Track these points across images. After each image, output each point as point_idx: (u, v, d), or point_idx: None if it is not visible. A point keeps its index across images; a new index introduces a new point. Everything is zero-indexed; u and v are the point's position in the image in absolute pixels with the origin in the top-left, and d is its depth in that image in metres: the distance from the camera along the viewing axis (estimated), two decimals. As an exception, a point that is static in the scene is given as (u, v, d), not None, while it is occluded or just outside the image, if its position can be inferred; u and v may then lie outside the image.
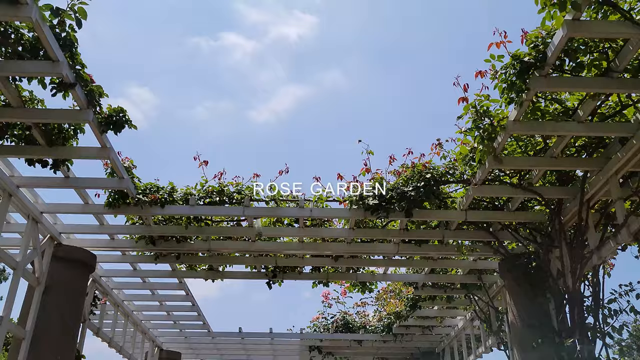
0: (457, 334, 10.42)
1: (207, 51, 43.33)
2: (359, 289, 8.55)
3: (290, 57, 42.79)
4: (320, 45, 43.68)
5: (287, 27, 41.71)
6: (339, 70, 42.86)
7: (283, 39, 41.41)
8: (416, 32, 38.19)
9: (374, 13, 35.47)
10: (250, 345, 11.92)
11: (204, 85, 41.86)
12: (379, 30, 37.68)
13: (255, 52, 43.52)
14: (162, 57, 38.98)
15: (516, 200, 6.27)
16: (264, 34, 41.39)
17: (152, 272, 8.28)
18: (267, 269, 8.11)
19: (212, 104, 45.66)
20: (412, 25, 37.48)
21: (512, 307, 6.83)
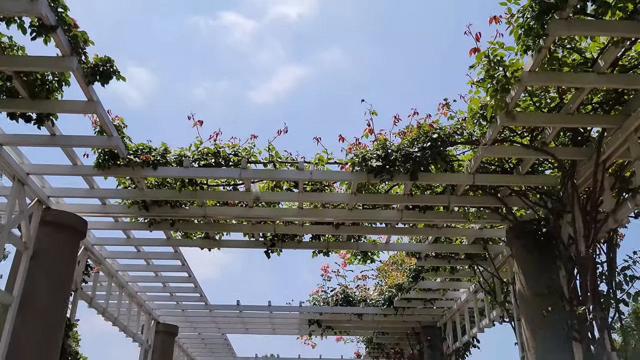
0: (460, 307, 10.19)
1: (206, 30, 42.70)
2: (360, 260, 8.28)
3: (290, 37, 42.18)
4: (320, 24, 43.05)
5: (286, 6, 41.02)
6: (339, 49, 42.27)
7: (283, 17, 40.77)
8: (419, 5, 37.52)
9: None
10: (248, 319, 11.72)
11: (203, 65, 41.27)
12: (380, 5, 37.01)
13: (254, 32, 42.91)
14: (161, 36, 38.39)
15: (527, 162, 5.96)
16: (263, 13, 40.74)
17: (147, 240, 8.00)
18: (266, 237, 7.82)
19: (211, 85, 45.15)
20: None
21: (520, 276, 6.56)
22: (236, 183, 6.67)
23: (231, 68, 45.51)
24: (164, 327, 11.28)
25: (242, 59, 45.54)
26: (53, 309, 6.13)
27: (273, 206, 7.03)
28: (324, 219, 7.15)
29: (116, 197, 6.68)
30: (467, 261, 8.41)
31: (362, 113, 5.91)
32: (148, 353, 10.81)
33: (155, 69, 41.16)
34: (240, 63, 45.37)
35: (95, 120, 5.61)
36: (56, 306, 6.19)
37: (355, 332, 12.86)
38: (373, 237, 8.01)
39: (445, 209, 6.86)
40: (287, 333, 12.88)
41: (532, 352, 6.16)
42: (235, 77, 45.24)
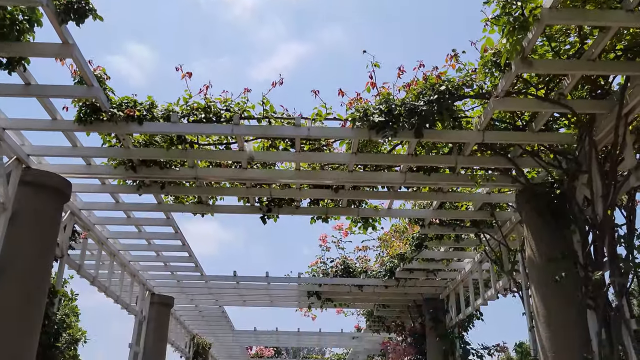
0: (464, 278, 9.84)
1: (206, 6, 41.81)
2: (361, 227, 7.88)
3: (290, 13, 41.30)
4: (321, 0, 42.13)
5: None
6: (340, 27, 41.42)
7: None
8: (422, -21, 36.58)
9: (379, -43, 33.88)
10: (245, 291, 11.39)
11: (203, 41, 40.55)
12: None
13: (254, 8, 41.99)
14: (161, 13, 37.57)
15: (541, 118, 5.52)
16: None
17: (136, 205, 7.61)
18: (261, 202, 7.43)
19: (210, 61, 44.40)
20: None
21: (530, 242, 6.17)
22: (229, 142, 6.25)
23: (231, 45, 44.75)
24: (159, 298, 10.98)
25: (243, 36, 44.77)
26: (34, 274, 5.76)
27: (268, 167, 6.62)
28: (322, 181, 6.74)
29: (101, 156, 6.26)
30: (473, 229, 8.02)
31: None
32: (143, 324, 10.53)
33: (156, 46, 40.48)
34: (241, 40, 44.61)
35: (74, 70, 5.17)
36: (38, 271, 5.83)
37: (356, 304, 12.54)
38: (374, 202, 7.61)
39: (452, 170, 6.45)
40: (285, 305, 12.58)
41: (542, 321, 5.80)
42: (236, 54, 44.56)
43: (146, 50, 39.06)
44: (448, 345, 10.52)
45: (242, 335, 16.17)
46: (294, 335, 15.93)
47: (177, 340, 13.91)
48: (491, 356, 10.79)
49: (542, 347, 5.76)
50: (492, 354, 10.69)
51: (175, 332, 13.77)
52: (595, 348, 5.21)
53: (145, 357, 10.40)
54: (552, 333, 5.67)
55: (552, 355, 5.62)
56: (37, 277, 5.79)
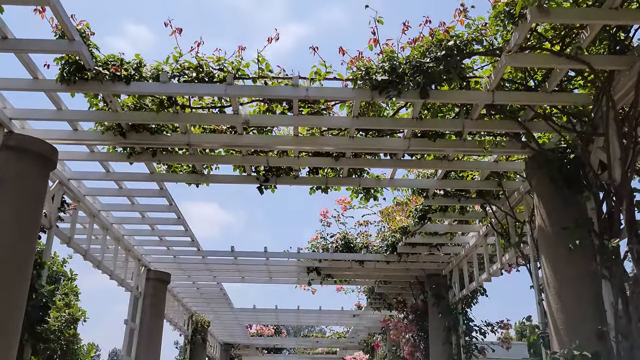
0: (468, 253, 9.56)
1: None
2: (362, 198, 7.57)
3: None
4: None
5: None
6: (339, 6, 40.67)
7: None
8: (424, -46, 35.81)
9: None
10: (243, 267, 11.13)
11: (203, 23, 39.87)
12: (385, -48, 35.31)
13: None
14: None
15: (555, 77, 5.16)
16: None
17: (128, 175, 7.28)
18: (258, 171, 7.11)
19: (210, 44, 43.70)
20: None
21: (541, 211, 5.86)
22: (223, 105, 5.90)
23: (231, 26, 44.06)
24: (155, 274, 10.72)
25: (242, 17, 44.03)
26: (17, 243, 5.46)
27: (265, 133, 6.29)
28: (322, 148, 6.41)
29: (88, 120, 5.92)
30: (479, 200, 7.71)
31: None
32: (139, 300, 10.29)
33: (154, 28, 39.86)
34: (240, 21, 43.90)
35: (56, 24, 4.81)
36: (21, 240, 5.52)
37: (356, 281, 12.28)
38: (376, 172, 7.30)
39: (458, 136, 6.11)
40: (285, 282, 12.34)
41: (553, 293, 5.51)
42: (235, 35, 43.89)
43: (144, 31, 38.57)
44: (451, 321, 10.29)
45: (241, 313, 15.98)
46: (294, 312, 15.73)
47: (175, 318, 13.71)
48: (494, 333, 10.56)
49: (553, 320, 5.48)
50: (495, 330, 10.45)
51: (173, 310, 13.57)
52: (611, 320, 4.94)
53: (142, 334, 10.19)
54: (564, 305, 5.39)
55: (563, 328, 5.33)
56: (20, 247, 5.49)
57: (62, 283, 32.15)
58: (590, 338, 5.02)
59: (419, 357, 11.66)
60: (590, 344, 4.97)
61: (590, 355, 4.88)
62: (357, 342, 19.92)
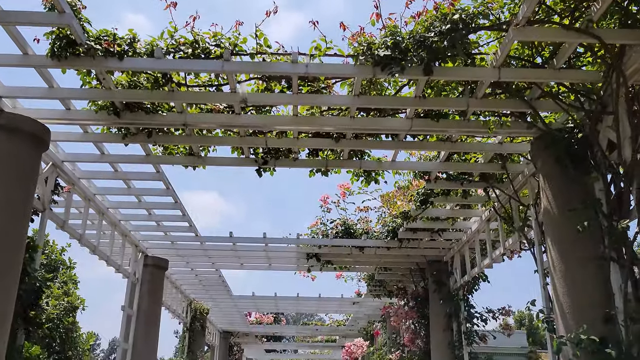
0: (470, 239, 9.41)
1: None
2: (363, 181, 7.41)
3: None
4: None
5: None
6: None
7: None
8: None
9: None
10: (242, 252, 10.98)
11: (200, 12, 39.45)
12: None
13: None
14: (154, -27, 36.42)
15: (564, 52, 4.98)
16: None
17: (123, 157, 7.12)
18: (257, 153, 6.94)
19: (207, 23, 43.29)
20: None
21: (547, 192, 5.71)
22: (220, 83, 5.73)
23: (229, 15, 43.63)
24: (153, 260, 10.58)
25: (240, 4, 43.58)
26: (8, 225, 5.29)
27: (263, 113, 6.11)
28: (322, 128, 6.24)
29: (80, 98, 5.74)
30: (482, 183, 7.55)
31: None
32: (136, 287, 10.16)
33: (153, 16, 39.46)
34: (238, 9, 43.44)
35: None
36: (12, 221, 5.36)
37: (356, 267, 12.15)
38: (377, 154, 7.14)
39: (462, 116, 5.94)
40: (284, 268, 12.20)
41: (559, 277, 5.37)
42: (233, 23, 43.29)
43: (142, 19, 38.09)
44: (452, 308, 10.17)
45: (240, 300, 15.87)
46: (293, 300, 15.63)
47: (174, 305, 13.60)
48: (495, 320, 10.45)
49: (559, 304, 5.35)
50: (496, 317, 10.33)
51: (172, 297, 13.46)
52: (619, 303, 4.80)
53: (140, 320, 10.07)
54: (570, 289, 5.25)
55: (570, 312, 5.20)
56: (11, 228, 5.32)
57: (60, 271, 32.06)
58: (598, 322, 4.89)
59: (419, 344, 11.56)
60: (598, 328, 4.85)
61: (598, 339, 4.75)
62: (357, 330, 19.85)
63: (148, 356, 10.13)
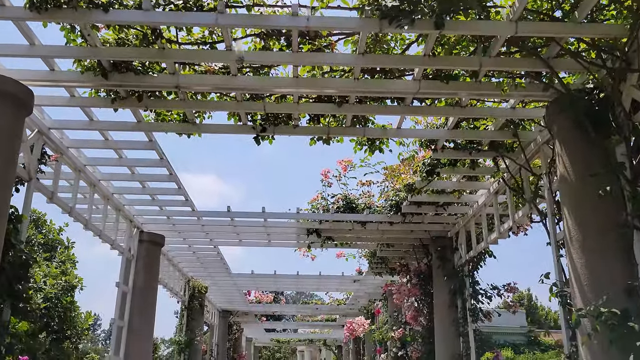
0: (476, 213, 9.08)
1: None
2: (367, 150, 7.05)
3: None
4: None
5: None
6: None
7: None
8: None
9: None
10: (241, 228, 10.66)
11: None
12: None
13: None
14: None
15: (585, 5, 4.59)
16: None
17: (114, 124, 6.74)
18: (255, 120, 6.57)
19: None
20: None
21: (564, 158, 5.35)
22: (214, 40, 5.33)
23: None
24: (149, 236, 10.27)
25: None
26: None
27: (261, 74, 5.73)
28: (323, 90, 5.87)
29: (64, 57, 5.35)
30: (491, 153, 7.19)
31: None
32: (131, 263, 9.85)
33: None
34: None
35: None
36: (-7, 189, 5.02)
37: (358, 244, 11.84)
38: (382, 121, 6.77)
39: (474, 77, 5.56)
40: (284, 245, 11.89)
41: (576, 247, 5.05)
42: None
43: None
44: (456, 284, 9.88)
45: (239, 278, 15.62)
46: (293, 278, 15.37)
47: (171, 283, 13.34)
48: (500, 297, 10.16)
49: (576, 276, 5.03)
50: (501, 294, 10.05)
51: (169, 274, 13.18)
52: (643, 274, 4.48)
53: (135, 297, 9.79)
54: (589, 259, 4.93)
55: (588, 284, 4.88)
56: (-8, 196, 4.98)
57: (59, 251, 31.79)
58: (619, 294, 4.58)
59: (422, 321, 11.31)
60: (619, 300, 4.53)
61: (619, 312, 4.44)
62: (357, 309, 19.67)
63: (145, 333, 9.87)
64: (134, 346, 9.47)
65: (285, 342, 33.83)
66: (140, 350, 9.61)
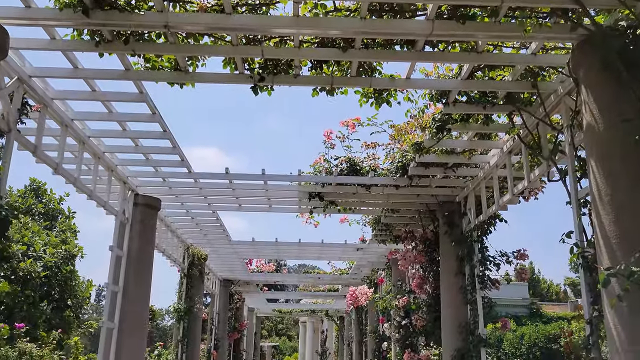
0: (487, 175, 8.60)
1: None
2: (373, 103, 6.55)
3: None
4: None
5: None
6: None
7: None
8: None
9: None
10: (240, 191, 10.22)
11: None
12: None
13: None
14: None
15: None
16: None
17: (100, 72, 6.22)
18: (252, 68, 6.06)
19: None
20: None
21: (591, 106, 4.86)
22: (205, -28, 4.80)
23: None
24: (144, 199, 9.84)
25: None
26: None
27: (258, 12, 5.20)
28: (327, 32, 5.34)
29: (38, -10, 4.83)
30: (508, 106, 6.68)
31: None
32: (125, 227, 9.45)
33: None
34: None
35: None
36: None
37: (362, 209, 11.40)
38: (390, 70, 6.25)
39: (493, 15, 5.02)
40: (285, 211, 11.46)
41: (604, 202, 4.59)
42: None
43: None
44: (464, 250, 9.47)
45: (239, 246, 15.26)
46: (295, 246, 14.99)
47: (170, 249, 12.97)
48: (510, 264, 9.76)
49: (603, 233, 4.58)
50: (510, 261, 9.64)
51: (167, 241, 12.81)
52: (681, 229, 4.03)
53: (130, 262, 9.40)
54: (618, 215, 4.48)
55: (617, 242, 4.44)
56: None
57: (59, 220, 31.38)
58: (653, 252, 4.15)
59: (427, 289, 10.96)
60: (653, 258, 4.10)
61: (653, 271, 4.01)
62: (360, 279, 19.38)
63: (140, 299, 9.53)
64: (129, 312, 9.13)
65: (287, 313, 33.77)
66: (136, 316, 9.28)
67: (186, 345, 14.00)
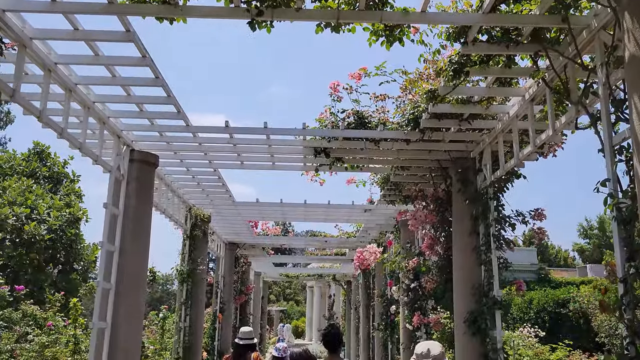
0: (505, 127, 7.98)
1: None
2: (384, 42, 5.92)
3: None
4: None
5: None
6: None
7: None
8: None
9: None
10: (242, 146, 9.66)
11: None
12: None
13: None
14: None
15: None
16: None
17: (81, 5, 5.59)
18: (249, 1, 5.43)
19: None
20: None
21: (636, 35, 4.22)
22: None
23: None
24: (140, 155, 9.29)
25: None
26: None
27: None
28: (332, -48, 4.69)
29: None
30: (533, 45, 6.01)
31: None
32: (121, 184, 8.95)
33: None
34: None
35: None
36: None
37: (370, 167, 10.82)
38: (402, 3, 5.59)
39: None
40: (289, 168, 10.90)
41: (649, 144, 4.00)
42: None
43: None
44: (479, 209, 8.92)
45: (243, 207, 14.79)
46: (301, 207, 14.49)
47: (170, 210, 12.52)
48: (526, 224, 9.21)
49: (646, 179, 4.01)
50: (526, 221, 9.09)
51: (168, 202, 12.36)
52: None
53: (127, 221, 8.93)
54: (667, 157, 3.90)
55: (664, 188, 3.87)
56: None
57: (64, 184, 30.99)
58: None
59: (439, 250, 10.48)
60: None
61: None
62: (368, 242, 18.96)
63: (138, 260, 9.09)
64: (126, 272, 8.71)
65: (294, 277, 33.65)
66: (133, 277, 8.86)
67: (190, 307, 13.71)
